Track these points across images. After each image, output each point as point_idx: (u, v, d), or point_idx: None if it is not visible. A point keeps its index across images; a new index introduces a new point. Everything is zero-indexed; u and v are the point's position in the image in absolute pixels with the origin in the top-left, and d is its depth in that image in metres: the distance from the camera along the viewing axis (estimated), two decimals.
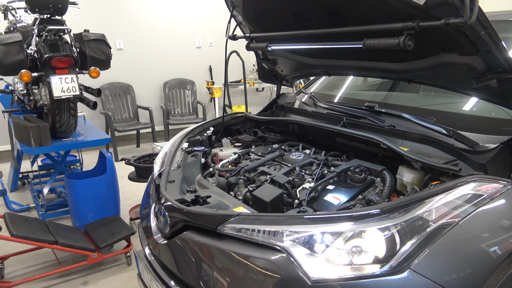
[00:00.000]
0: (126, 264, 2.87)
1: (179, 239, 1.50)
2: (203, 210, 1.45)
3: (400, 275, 1.09)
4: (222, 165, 2.02)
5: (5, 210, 3.73)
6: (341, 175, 1.70)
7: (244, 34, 2.24)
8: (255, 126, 2.50)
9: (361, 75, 2.40)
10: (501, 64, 1.40)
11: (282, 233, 1.23)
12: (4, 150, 5.47)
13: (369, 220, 1.19)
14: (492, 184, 1.32)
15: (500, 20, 2.08)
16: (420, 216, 1.18)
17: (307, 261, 1.16)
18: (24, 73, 3.12)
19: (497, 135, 1.61)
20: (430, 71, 1.70)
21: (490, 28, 1.29)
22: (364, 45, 1.55)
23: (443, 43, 1.52)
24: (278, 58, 2.47)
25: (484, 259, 1.16)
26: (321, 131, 2.07)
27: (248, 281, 1.23)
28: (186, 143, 2.15)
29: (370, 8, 1.53)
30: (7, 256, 2.86)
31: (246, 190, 1.69)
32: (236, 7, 2.14)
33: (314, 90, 2.71)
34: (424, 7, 1.30)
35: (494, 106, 1.63)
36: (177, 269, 1.52)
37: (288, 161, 1.92)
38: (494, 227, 1.24)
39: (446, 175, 1.45)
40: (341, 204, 1.49)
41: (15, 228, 2.54)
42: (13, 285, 2.58)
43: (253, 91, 7.11)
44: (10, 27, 4.22)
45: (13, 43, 3.19)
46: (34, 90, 3.34)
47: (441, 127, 1.70)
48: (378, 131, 1.87)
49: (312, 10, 1.81)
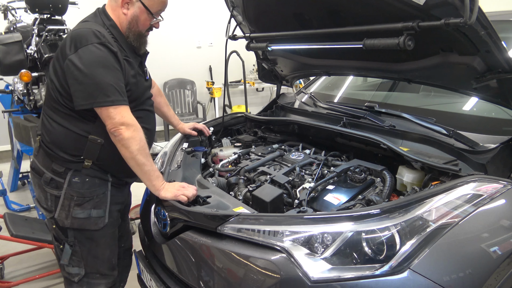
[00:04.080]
0: None
1: (179, 239, 1.50)
2: (203, 210, 1.45)
3: (400, 275, 1.09)
4: (222, 165, 2.02)
5: (5, 210, 3.73)
6: (341, 175, 1.70)
7: (244, 34, 2.24)
8: (255, 126, 2.50)
9: (361, 75, 2.40)
10: (501, 64, 1.40)
11: (282, 233, 1.23)
12: (4, 150, 5.47)
13: (369, 220, 1.19)
14: (492, 184, 1.32)
15: (500, 20, 2.08)
16: (420, 216, 1.18)
17: (307, 261, 1.16)
18: (24, 73, 3.12)
19: (497, 135, 1.61)
20: (430, 71, 1.70)
21: (490, 28, 1.29)
22: (364, 45, 1.55)
23: (443, 43, 1.52)
24: (278, 58, 2.47)
25: (484, 259, 1.16)
26: (321, 131, 2.07)
27: (248, 281, 1.23)
28: (186, 143, 2.15)
29: (370, 8, 1.53)
30: (7, 256, 2.86)
31: (246, 190, 1.69)
32: (236, 7, 2.14)
33: (314, 90, 2.71)
34: (424, 7, 1.30)
35: (494, 106, 1.64)
36: (177, 269, 1.52)
37: (288, 161, 1.92)
38: (494, 227, 1.24)
39: (446, 175, 1.45)
40: (341, 204, 1.49)
41: (15, 228, 2.54)
42: (13, 285, 2.58)
43: (253, 91, 7.10)
44: (10, 27, 4.21)
45: (13, 43, 3.20)
46: (34, 90, 3.34)
47: (441, 127, 1.70)
48: (378, 131, 1.87)
49: (312, 10, 1.81)
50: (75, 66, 1.47)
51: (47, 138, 1.63)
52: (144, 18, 1.65)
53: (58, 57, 1.56)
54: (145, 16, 1.64)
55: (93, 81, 1.47)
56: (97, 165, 1.63)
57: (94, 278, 1.72)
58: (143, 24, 1.66)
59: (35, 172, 1.69)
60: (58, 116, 1.60)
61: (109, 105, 1.48)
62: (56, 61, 1.57)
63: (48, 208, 1.66)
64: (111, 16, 1.65)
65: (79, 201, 1.61)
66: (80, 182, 1.61)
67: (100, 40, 1.51)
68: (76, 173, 1.61)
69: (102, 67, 1.49)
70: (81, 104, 1.49)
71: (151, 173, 1.57)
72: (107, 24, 1.62)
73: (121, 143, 1.51)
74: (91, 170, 1.62)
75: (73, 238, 1.66)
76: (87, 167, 1.61)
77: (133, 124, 1.52)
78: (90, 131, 1.59)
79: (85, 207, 1.62)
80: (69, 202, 1.61)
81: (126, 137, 1.50)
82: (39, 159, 1.68)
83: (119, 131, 1.49)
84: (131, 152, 1.52)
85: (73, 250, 1.67)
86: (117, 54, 1.55)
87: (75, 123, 1.59)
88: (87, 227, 1.64)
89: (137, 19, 1.64)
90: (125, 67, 1.59)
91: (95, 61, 1.49)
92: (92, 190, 1.63)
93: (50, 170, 1.62)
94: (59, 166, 1.61)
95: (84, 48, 1.48)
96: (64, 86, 1.54)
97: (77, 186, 1.61)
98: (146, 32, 1.71)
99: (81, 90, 1.48)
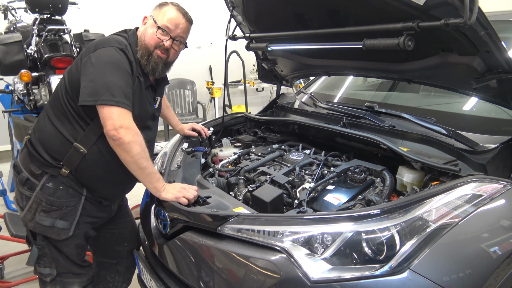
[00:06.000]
0: None
1: (179, 239, 1.50)
2: (203, 211, 1.45)
3: (400, 276, 1.09)
4: (222, 165, 2.02)
5: (5, 210, 3.73)
6: (341, 175, 1.70)
7: (244, 34, 2.24)
8: (255, 126, 2.50)
9: (361, 75, 2.40)
10: (501, 64, 1.40)
11: (282, 234, 1.23)
12: (4, 150, 5.47)
13: (369, 221, 1.19)
14: (492, 184, 1.32)
15: (500, 20, 2.08)
16: (420, 217, 1.18)
17: (307, 261, 1.16)
18: (24, 73, 3.13)
19: (497, 135, 1.61)
20: (430, 71, 1.70)
21: (490, 28, 1.29)
22: (364, 45, 1.55)
23: (443, 43, 1.52)
24: (278, 58, 2.47)
25: (484, 259, 1.16)
26: (321, 131, 2.07)
27: (248, 282, 1.23)
28: (186, 143, 2.15)
29: (370, 8, 1.53)
30: (7, 256, 2.86)
31: (246, 190, 1.69)
32: (236, 7, 2.14)
33: (314, 90, 2.71)
34: (424, 7, 1.29)
35: (494, 106, 1.64)
36: (177, 269, 1.52)
37: (288, 161, 1.92)
38: (494, 227, 1.24)
39: (446, 175, 1.45)
40: (341, 204, 1.49)
41: (15, 228, 2.55)
42: (13, 285, 2.58)
43: (253, 91, 7.10)
44: (10, 27, 4.22)
45: (13, 43, 3.20)
46: (34, 90, 3.34)
47: (441, 127, 1.70)
48: (378, 131, 1.87)
49: (312, 10, 1.81)
50: (91, 62, 1.51)
51: (36, 135, 1.64)
52: (152, 32, 1.66)
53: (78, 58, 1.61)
54: (153, 29, 1.66)
55: (103, 79, 1.49)
56: (74, 176, 1.61)
57: (67, 277, 1.72)
58: (150, 38, 1.66)
59: (15, 170, 1.72)
60: (54, 115, 1.62)
61: (113, 104, 1.46)
62: (74, 62, 1.63)
63: (22, 207, 1.66)
64: (138, 35, 1.70)
65: (46, 208, 1.59)
66: (52, 189, 1.59)
67: (120, 46, 1.57)
68: (51, 178, 1.60)
69: (115, 68, 1.52)
70: (86, 99, 1.48)
71: (152, 176, 1.56)
72: (130, 40, 1.67)
73: (121, 148, 1.48)
74: (66, 179, 1.60)
75: (41, 241, 1.66)
76: (63, 175, 1.59)
77: (133, 128, 1.50)
78: (77, 139, 1.58)
79: (51, 215, 1.60)
80: (36, 206, 1.60)
81: (127, 141, 1.47)
82: (21, 158, 1.70)
83: (118, 135, 1.46)
84: (132, 156, 1.49)
85: (42, 252, 1.67)
86: (132, 64, 1.58)
87: (66, 126, 1.59)
88: (49, 235, 1.63)
89: (145, 32, 1.67)
90: (135, 81, 1.61)
91: (110, 61, 1.52)
92: (63, 200, 1.61)
93: (27, 170, 1.63)
94: (37, 168, 1.61)
95: (104, 48, 1.54)
96: (73, 83, 1.56)
97: (49, 192, 1.59)
98: (156, 51, 1.67)
99: (90, 86, 1.49)
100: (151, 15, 1.70)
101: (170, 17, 1.66)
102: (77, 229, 1.66)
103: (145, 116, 1.72)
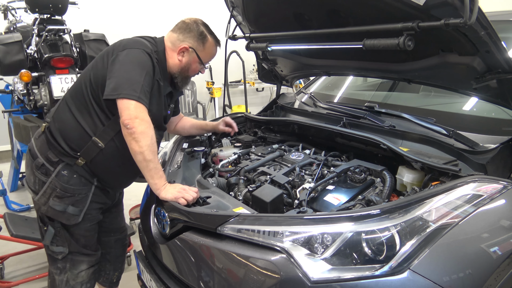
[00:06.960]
0: (126, 264, 2.87)
1: (179, 239, 1.50)
2: (203, 211, 1.45)
3: (400, 276, 1.09)
4: (222, 165, 2.02)
5: (5, 210, 3.73)
6: (341, 175, 1.69)
7: (244, 34, 2.24)
8: (255, 126, 2.50)
9: (361, 75, 2.40)
10: (501, 64, 1.40)
11: (282, 234, 1.23)
12: (4, 150, 5.47)
13: (369, 221, 1.19)
14: (492, 184, 1.32)
15: (500, 20, 2.08)
16: (420, 217, 1.18)
17: (307, 261, 1.16)
18: (24, 73, 3.13)
19: (497, 135, 1.61)
20: (430, 71, 1.70)
21: (490, 28, 1.29)
22: (364, 46, 1.55)
23: (443, 43, 1.53)
24: (278, 58, 2.47)
25: (484, 260, 1.16)
26: (321, 131, 2.07)
27: (248, 282, 1.23)
28: (186, 143, 2.15)
29: (370, 9, 1.53)
30: (7, 256, 2.86)
31: (246, 190, 1.69)
32: (236, 7, 2.14)
33: (314, 90, 2.71)
34: (424, 7, 1.30)
35: (494, 106, 1.64)
36: (177, 269, 1.52)
37: (288, 161, 1.92)
38: (494, 227, 1.24)
39: (446, 175, 1.45)
40: (341, 204, 1.49)
41: (15, 228, 2.55)
42: (13, 285, 2.58)
43: (253, 91, 7.10)
44: (10, 27, 4.22)
45: (13, 43, 3.20)
46: (34, 90, 3.34)
47: (441, 127, 1.70)
48: (378, 131, 1.87)
49: (312, 11, 1.81)
50: (118, 60, 1.62)
51: (56, 124, 1.72)
52: (195, 67, 1.87)
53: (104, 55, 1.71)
54: (196, 65, 1.86)
55: (127, 76, 1.59)
56: (88, 167, 1.72)
57: (77, 255, 1.83)
58: (193, 71, 1.88)
59: (30, 154, 1.78)
60: (76, 108, 1.70)
61: (133, 99, 1.55)
62: (100, 58, 1.72)
63: (35, 190, 1.75)
64: (166, 51, 1.81)
65: (60, 194, 1.69)
66: (67, 176, 1.69)
67: (147, 49, 1.69)
68: (67, 166, 1.69)
69: (140, 67, 1.63)
70: (109, 94, 1.57)
71: (156, 172, 1.61)
72: (158, 48, 1.78)
73: (132, 136, 1.54)
74: (81, 169, 1.70)
75: (57, 222, 1.75)
76: (79, 165, 1.69)
77: (148, 121, 1.58)
78: (96, 133, 1.68)
79: (64, 201, 1.70)
80: (51, 191, 1.69)
81: (139, 130, 1.53)
82: (37, 144, 1.76)
83: (133, 123, 1.53)
84: (141, 147, 1.55)
85: (56, 232, 1.76)
86: (155, 68, 1.70)
87: (86, 120, 1.68)
88: (59, 219, 1.73)
89: (189, 67, 1.85)
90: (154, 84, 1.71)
91: (136, 61, 1.63)
92: (76, 188, 1.70)
93: (44, 156, 1.71)
94: (54, 156, 1.70)
95: (132, 49, 1.66)
96: (98, 78, 1.65)
97: (63, 180, 1.68)
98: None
99: (114, 82, 1.58)
100: (193, 48, 1.80)
101: (212, 53, 1.89)
102: (87, 214, 1.77)
103: (160, 117, 1.84)
